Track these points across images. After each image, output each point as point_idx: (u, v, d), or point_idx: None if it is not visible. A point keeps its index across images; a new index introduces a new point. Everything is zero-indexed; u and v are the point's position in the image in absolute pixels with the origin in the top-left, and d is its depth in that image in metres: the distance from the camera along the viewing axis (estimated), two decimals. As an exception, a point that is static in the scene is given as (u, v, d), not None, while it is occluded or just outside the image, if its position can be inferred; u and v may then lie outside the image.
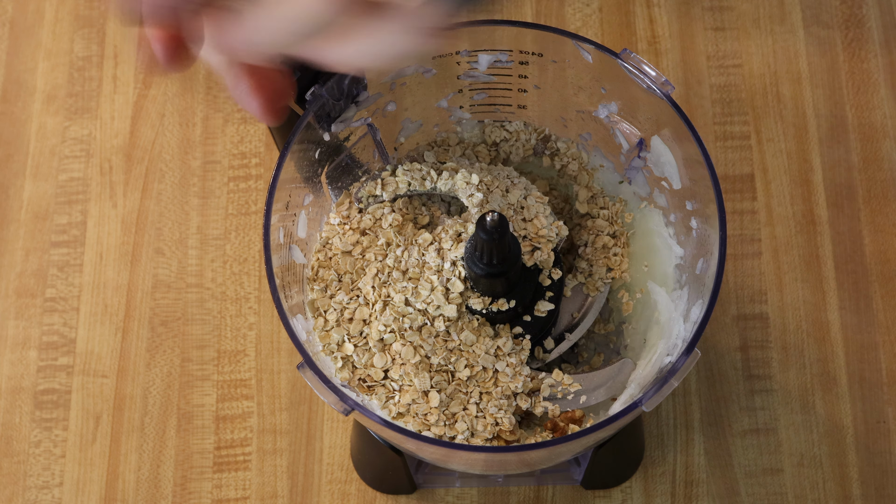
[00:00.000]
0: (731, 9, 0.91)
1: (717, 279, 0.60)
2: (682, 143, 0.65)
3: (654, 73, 0.64)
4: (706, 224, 0.64)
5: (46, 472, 0.80)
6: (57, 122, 0.89)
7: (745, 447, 0.79)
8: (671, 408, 0.80)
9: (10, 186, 0.87)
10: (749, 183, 0.86)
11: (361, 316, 0.65)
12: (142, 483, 0.79)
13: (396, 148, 0.72)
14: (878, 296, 0.83)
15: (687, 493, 0.78)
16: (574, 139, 0.72)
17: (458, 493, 0.78)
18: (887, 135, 0.87)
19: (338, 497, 0.79)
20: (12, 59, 0.91)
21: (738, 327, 0.82)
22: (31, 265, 0.85)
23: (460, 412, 0.64)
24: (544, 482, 0.78)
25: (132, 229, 0.86)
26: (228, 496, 0.79)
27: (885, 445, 0.79)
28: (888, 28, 0.90)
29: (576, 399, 0.67)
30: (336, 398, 0.58)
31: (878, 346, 0.81)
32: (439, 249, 0.65)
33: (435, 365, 0.64)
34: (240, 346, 0.82)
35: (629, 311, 0.70)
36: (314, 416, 0.80)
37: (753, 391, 0.80)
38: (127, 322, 0.83)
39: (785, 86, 0.88)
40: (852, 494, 0.78)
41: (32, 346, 0.83)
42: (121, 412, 0.81)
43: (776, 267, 0.84)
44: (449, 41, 0.67)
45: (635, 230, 0.70)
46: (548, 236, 0.66)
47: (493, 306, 0.65)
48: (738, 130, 0.87)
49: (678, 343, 0.64)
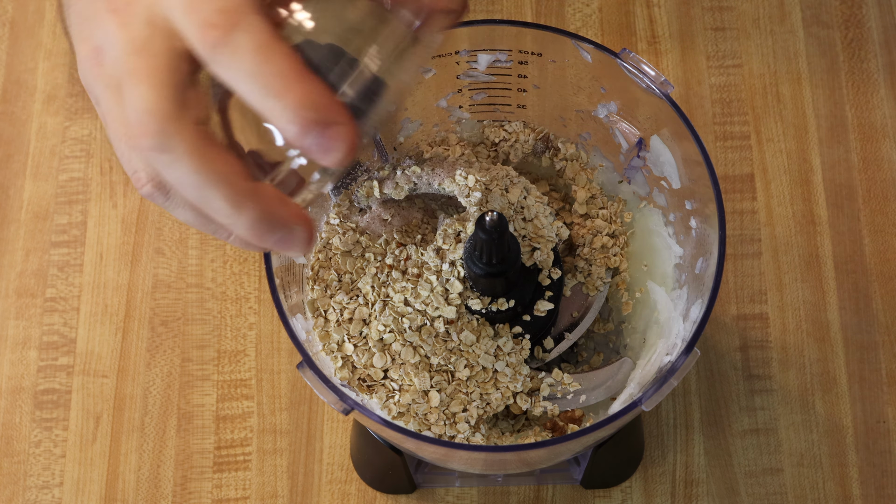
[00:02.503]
0: (731, 9, 0.91)
1: (716, 279, 0.61)
2: (681, 143, 0.65)
3: (653, 73, 0.64)
4: (706, 224, 0.64)
5: (46, 472, 0.80)
6: (57, 122, 0.89)
7: (745, 447, 0.79)
8: (671, 407, 0.80)
9: (10, 186, 0.87)
10: (749, 183, 0.86)
11: (361, 316, 0.65)
12: (142, 483, 0.79)
13: (396, 148, 0.72)
14: (878, 296, 0.83)
15: (687, 492, 0.78)
16: (573, 139, 0.72)
17: (458, 492, 0.78)
18: (887, 135, 0.87)
19: (338, 497, 0.79)
20: (12, 59, 0.91)
21: (738, 327, 0.82)
22: (31, 265, 0.85)
23: (460, 412, 0.64)
24: (544, 482, 0.78)
25: (132, 229, 0.86)
26: (228, 496, 0.79)
27: (885, 445, 0.79)
28: (888, 28, 0.90)
29: (575, 399, 0.67)
30: (336, 398, 0.58)
31: (878, 346, 0.81)
32: (438, 249, 0.65)
33: (435, 365, 0.64)
34: (240, 346, 0.82)
35: (629, 311, 0.70)
36: (314, 416, 0.80)
37: (753, 391, 0.80)
38: (127, 322, 0.83)
39: (785, 86, 0.88)
40: (852, 494, 0.78)
41: (32, 346, 0.83)
42: (121, 412, 0.81)
43: (776, 267, 0.84)
44: (448, 41, 0.67)
45: (635, 230, 0.71)
46: (547, 236, 0.66)
47: (493, 306, 0.65)
48: (737, 130, 0.87)
49: (678, 342, 0.64)
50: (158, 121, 0.47)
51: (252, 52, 0.46)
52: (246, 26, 0.46)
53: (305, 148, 0.47)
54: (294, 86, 0.46)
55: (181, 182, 0.48)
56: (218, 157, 0.48)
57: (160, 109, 0.47)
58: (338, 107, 0.47)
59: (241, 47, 0.46)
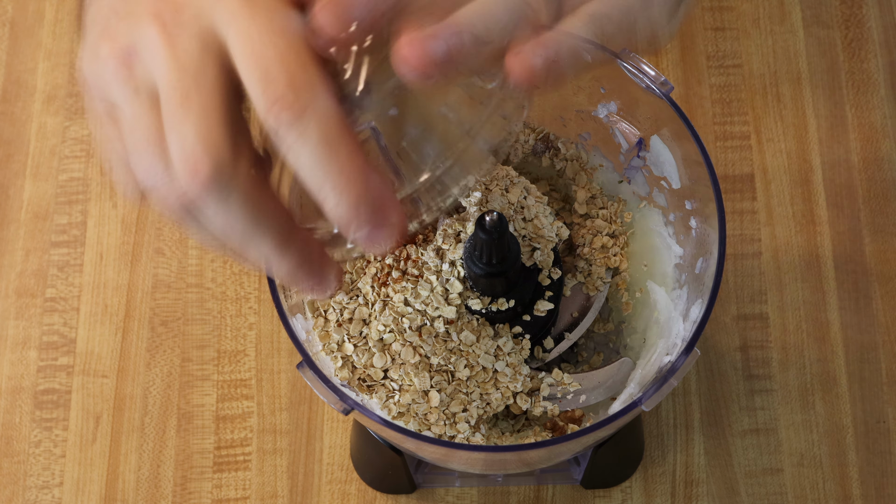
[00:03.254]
0: (731, 9, 0.91)
1: (716, 279, 0.61)
2: (681, 143, 0.65)
3: (653, 73, 0.64)
4: (706, 223, 0.64)
5: (46, 472, 0.80)
6: (57, 122, 0.89)
7: (745, 447, 0.79)
8: (671, 407, 0.80)
9: (10, 186, 0.87)
10: (749, 183, 0.86)
11: (361, 316, 0.65)
12: (142, 483, 0.79)
13: (399, 152, 0.72)
14: (878, 296, 0.83)
15: (687, 492, 0.78)
16: (573, 139, 0.72)
17: (458, 492, 0.78)
18: (887, 135, 0.87)
19: (338, 497, 0.79)
20: (12, 59, 0.91)
21: (738, 327, 0.82)
22: (31, 265, 0.85)
23: (460, 412, 0.64)
24: (544, 482, 0.78)
25: (132, 229, 0.86)
26: (228, 496, 0.79)
27: (885, 445, 0.79)
28: (888, 28, 0.90)
29: (575, 399, 0.67)
30: (336, 398, 0.58)
31: (878, 346, 0.81)
32: (438, 249, 0.65)
33: (435, 365, 0.64)
34: (240, 346, 0.82)
35: (629, 311, 0.70)
36: (314, 416, 0.80)
37: (753, 391, 0.80)
38: (127, 322, 0.83)
39: (785, 86, 0.88)
40: (852, 494, 0.78)
41: (32, 346, 0.83)
42: (121, 412, 0.81)
43: (776, 267, 0.84)
44: None
45: (634, 230, 0.71)
46: (547, 236, 0.66)
47: (493, 306, 0.65)
48: (737, 130, 0.87)
49: (678, 342, 0.64)
50: (215, 162, 0.44)
51: (318, 142, 0.44)
52: (315, 111, 0.44)
53: (352, 238, 0.46)
54: (353, 185, 0.45)
55: (225, 223, 0.46)
56: (269, 203, 0.46)
57: (217, 150, 0.44)
58: (394, 208, 0.46)
59: (307, 134, 0.44)
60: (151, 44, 0.46)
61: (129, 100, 0.47)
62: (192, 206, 0.46)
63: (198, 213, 0.46)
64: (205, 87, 0.45)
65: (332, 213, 0.46)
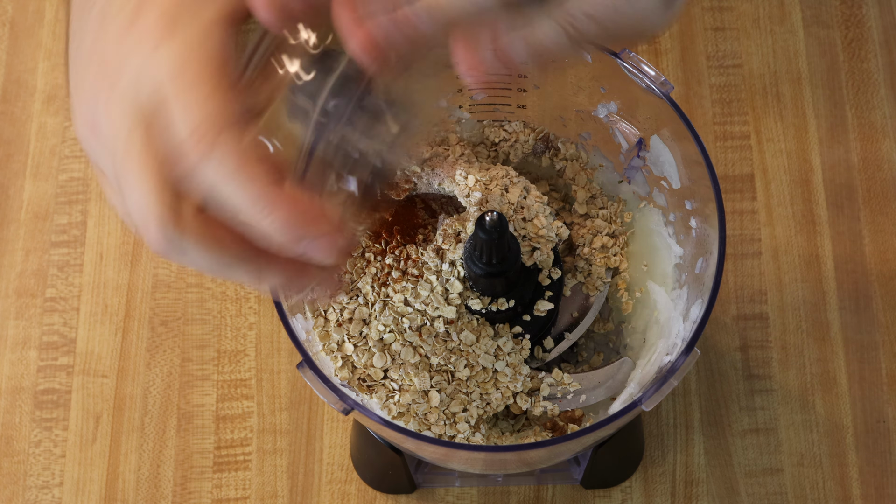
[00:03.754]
0: (731, 9, 0.91)
1: (716, 279, 0.61)
2: (681, 143, 0.65)
3: (653, 73, 0.64)
4: (705, 223, 0.64)
5: (46, 471, 0.80)
6: (57, 122, 0.89)
7: (745, 447, 0.79)
8: (671, 407, 0.80)
9: (10, 186, 0.87)
10: (749, 183, 0.86)
11: (361, 316, 0.65)
12: (142, 483, 0.79)
13: None
14: (878, 296, 0.83)
15: (687, 492, 0.78)
16: (573, 139, 0.72)
17: (458, 492, 0.78)
18: (887, 135, 0.87)
19: (338, 497, 0.79)
20: (12, 59, 0.91)
21: (738, 327, 0.82)
22: (31, 265, 0.85)
23: (460, 412, 0.64)
24: (544, 482, 0.78)
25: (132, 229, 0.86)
26: (228, 496, 0.79)
27: (885, 445, 0.79)
28: (888, 28, 0.90)
29: (575, 398, 0.67)
30: (336, 398, 0.58)
31: (878, 346, 0.81)
32: (438, 249, 0.65)
33: (435, 365, 0.64)
34: (240, 345, 0.82)
35: (629, 311, 0.70)
36: (314, 416, 0.80)
37: (753, 391, 0.80)
38: (127, 322, 0.83)
39: (785, 86, 0.88)
40: (852, 494, 0.78)
41: (32, 346, 0.83)
42: (121, 412, 0.81)
43: (776, 267, 0.84)
44: None
45: (634, 230, 0.71)
46: (547, 236, 0.66)
47: (493, 306, 0.65)
48: (737, 130, 0.87)
49: (678, 342, 0.64)
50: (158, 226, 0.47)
51: (230, 175, 0.46)
52: (222, 146, 0.45)
53: (300, 256, 0.48)
54: (275, 207, 0.46)
55: (198, 265, 0.48)
56: (226, 239, 0.48)
57: (156, 217, 0.47)
58: (321, 219, 0.47)
59: (219, 168, 0.46)
60: (101, 118, 0.49)
61: (102, 163, 0.50)
62: (166, 257, 0.49)
63: (176, 259, 0.49)
64: (134, 157, 0.47)
65: (271, 236, 0.47)
